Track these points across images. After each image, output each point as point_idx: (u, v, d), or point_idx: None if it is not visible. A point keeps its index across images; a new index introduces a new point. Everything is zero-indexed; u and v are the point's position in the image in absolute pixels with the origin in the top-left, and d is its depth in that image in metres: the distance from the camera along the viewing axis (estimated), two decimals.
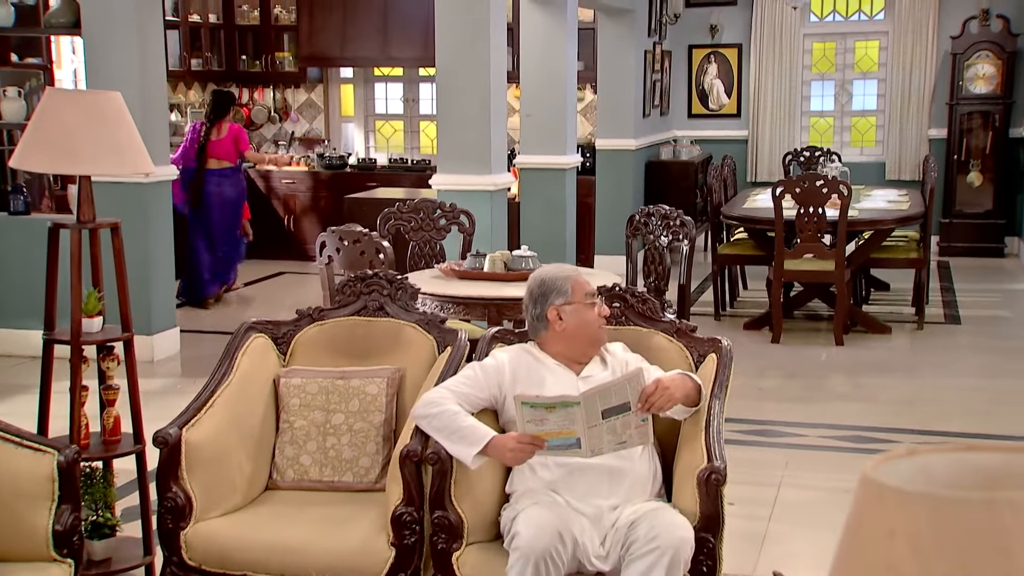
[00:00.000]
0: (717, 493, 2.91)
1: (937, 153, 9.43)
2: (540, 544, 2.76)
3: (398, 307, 3.64)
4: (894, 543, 0.79)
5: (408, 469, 3.07)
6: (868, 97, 10.66)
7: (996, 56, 9.85)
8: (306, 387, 3.49)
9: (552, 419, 2.83)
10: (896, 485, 0.79)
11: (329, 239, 4.70)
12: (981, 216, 10.03)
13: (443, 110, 6.35)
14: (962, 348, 6.94)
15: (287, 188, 10.46)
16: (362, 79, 11.15)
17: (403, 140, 11.08)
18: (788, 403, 5.70)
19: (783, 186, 6.71)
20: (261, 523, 3.22)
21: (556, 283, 3.16)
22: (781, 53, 10.52)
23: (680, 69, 10.96)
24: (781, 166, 9.47)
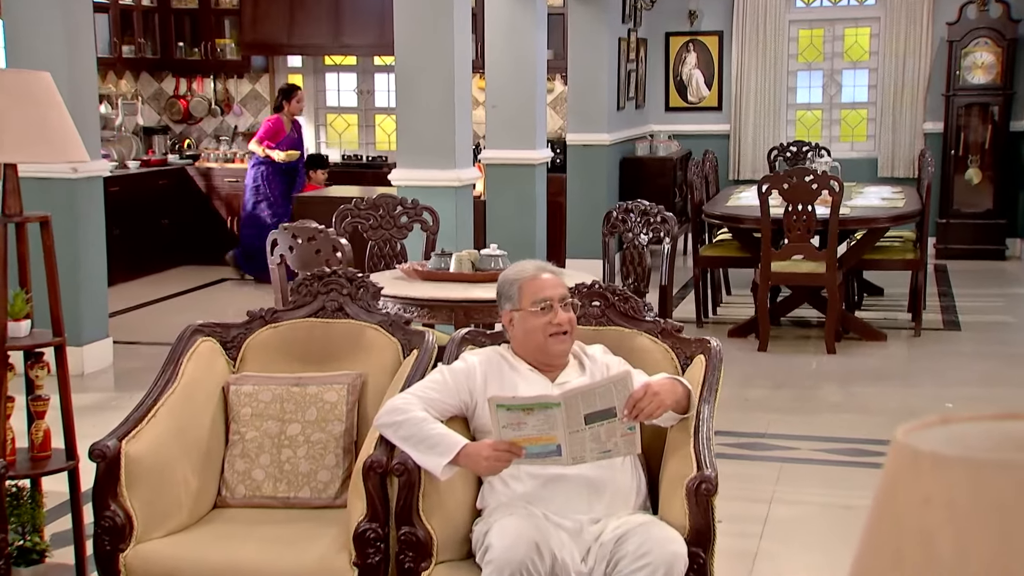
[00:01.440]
0: (708, 504, 2.93)
1: (933, 148, 9.55)
2: (516, 556, 2.75)
3: (359, 307, 3.63)
4: (930, 509, 0.80)
5: (372, 481, 3.06)
6: (859, 88, 10.78)
7: (995, 44, 10.01)
8: (258, 395, 3.47)
9: (531, 423, 2.83)
10: (932, 450, 0.80)
11: (281, 237, 4.69)
12: (981, 216, 10.18)
13: (403, 100, 6.35)
14: (962, 356, 7.03)
15: (230, 187, 10.42)
16: (312, 69, 11.13)
17: (357, 135, 11.06)
18: (777, 414, 5.74)
19: (770, 182, 6.77)
20: (209, 543, 3.20)
21: (505, 287, 3.20)
22: (765, 41, 10.62)
23: (656, 58, 11.03)
24: (766, 162, 9.55)
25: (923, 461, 0.82)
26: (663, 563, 2.78)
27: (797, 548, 4.21)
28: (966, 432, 0.86)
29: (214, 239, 10.35)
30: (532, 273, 3.21)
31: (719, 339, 3.49)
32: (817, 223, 6.77)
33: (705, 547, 2.93)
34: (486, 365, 3.17)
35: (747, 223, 7.19)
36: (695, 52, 10.95)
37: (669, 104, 11.08)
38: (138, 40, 10.61)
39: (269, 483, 3.41)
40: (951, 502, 0.79)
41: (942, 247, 10.06)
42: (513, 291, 3.16)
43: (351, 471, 3.40)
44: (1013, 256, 10.18)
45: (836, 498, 4.71)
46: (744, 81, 10.72)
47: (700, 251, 7.69)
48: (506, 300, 3.17)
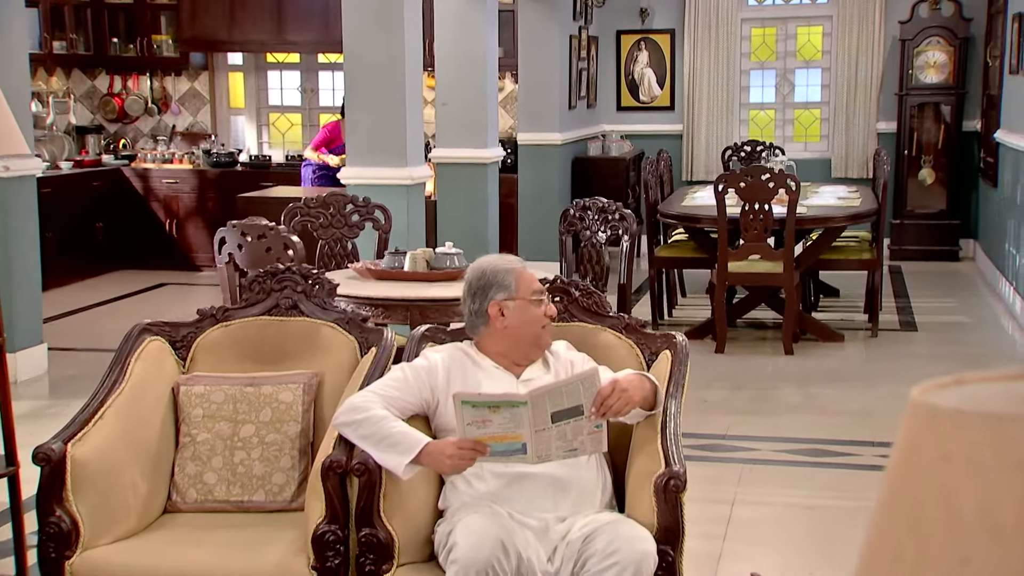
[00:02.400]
0: (677, 501, 2.95)
1: (886, 148, 9.68)
2: (481, 555, 2.75)
3: (314, 305, 3.61)
4: (951, 466, 0.81)
5: (331, 482, 3.04)
6: (812, 88, 10.92)
7: (948, 43, 10.19)
8: (210, 396, 3.44)
9: (496, 421, 2.83)
10: (952, 407, 0.81)
11: (229, 235, 4.65)
12: (934, 217, 10.34)
13: (351, 98, 6.32)
14: (920, 356, 7.14)
15: (168, 189, 10.31)
16: (253, 66, 11.05)
17: (301, 135, 10.99)
18: (737, 416, 5.79)
19: (726, 180, 6.83)
20: (160, 549, 3.17)
21: (498, 276, 3.16)
22: (717, 39, 10.73)
23: (608, 57, 11.10)
24: (720, 162, 9.64)
25: (943, 418, 0.83)
26: (632, 562, 2.79)
27: (762, 549, 4.25)
28: (982, 392, 0.88)
29: (152, 242, 10.24)
30: (521, 264, 3.23)
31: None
32: (774, 222, 6.84)
33: (674, 545, 2.94)
34: (448, 362, 3.16)
35: (703, 223, 7.25)
36: (647, 51, 11.03)
37: (621, 103, 11.14)
38: (70, 36, 10.46)
39: (222, 486, 3.38)
40: (973, 458, 0.80)
41: (896, 248, 10.21)
42: (509, 280, 3.14)
43: (307, 473, 3.38)
44: (966, 257, 10.36)
45: (799, 498, 4.76)
46: (696, 80, 10.81)
47: (655, 252, 7.73)
48: (499, 289, 3.14)
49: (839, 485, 4.90)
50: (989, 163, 9.57)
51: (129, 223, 10.25)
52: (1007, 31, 8.82)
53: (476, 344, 3.24)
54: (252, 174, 10.15)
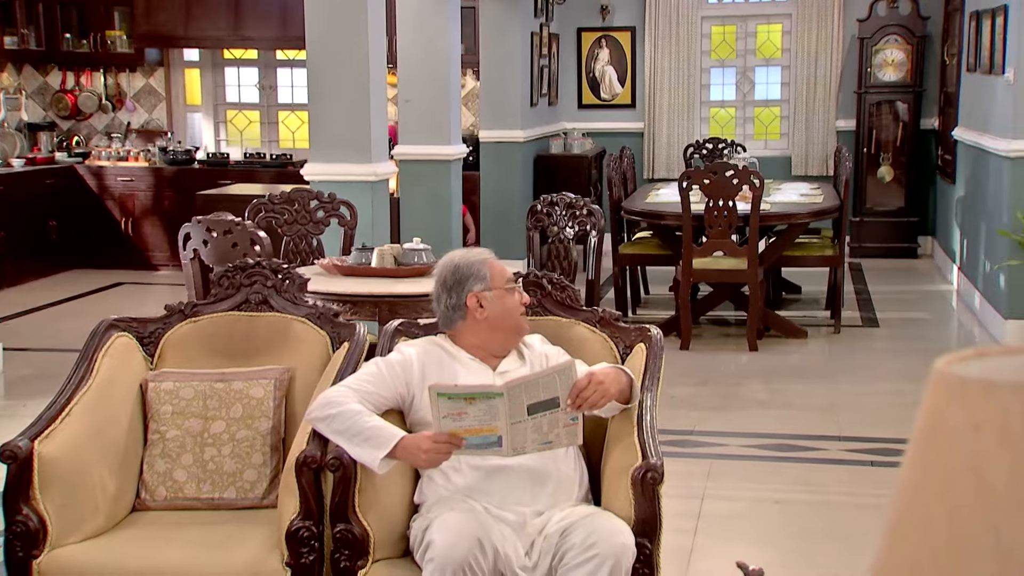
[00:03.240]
0: (654, 493, 2.96)
1: (846, 146, 9.77)
2: (458, 553, 2.74)
3: (284, 300, 3.59)
4: (980, 437, 0.81)
5: (306, 477, 3.03)
6: (772, 86, 11.00)
7: (905, 41, 10.31)
8: (179, 392, 3.41)
9: (472, 413, 2.83)
10: (981, 377, 0.82)
11: (195, 230, 4.60)
12: (893, 214, 10.45)
13: (315, 93, 6.28)
14: (882, 352, 7.22)
15: (124, 187, 10.20)
16: (210, 63, 10.96)
17: (259, 132, 10.92)
18: (704, 412, 5.83)
19: (691, 177, 6.87)
20: (129, 547, 3.14)
21: (473, 268, 3.17)
22: (678, 37, 10.78)
23: (569, 54, 11.11)
24: (682, 159, 9.69)
25: (971, 388, 0.84)
26: (611, 555, 2.80)
27: (732, 542, 4.27)
28: (1005, 364, 0.89)
29: (108, 241, 10.13)
30: (490, 254, 3.25)
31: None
32: (738, 219, 6.88)
33: (651, 537, 2.96)
34: (424, 356, 3.16)
35: (668, 219, 7.27)
36: (608, 48, 11.05)
37: (582, 101, 11.16)
38: (21, 31, 10.31)
39: (192, 484, 3.35)
40: (1003, 428, 0.81)
41: (856, 245, 10.30)
42: (484, 271, 3.16)
43: (279, 469, 3.36)
44: (925, 254, 10.48)
45: (767, 492, 4.80)
46: (657, 78, 10.86)
47: (620, 249, 7.76)
48: (476, 281, 3.15)
49: (807, 479, 4.94)
50: (947, 160, 9.69)
51: (84, 222, 10.13)
52: (965, 29, 8.93)
53: (451, 337, 3.23)
54: (210, 172, 10.06)
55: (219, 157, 10.39)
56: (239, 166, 10.19)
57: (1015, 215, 6.95)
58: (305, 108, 10.72)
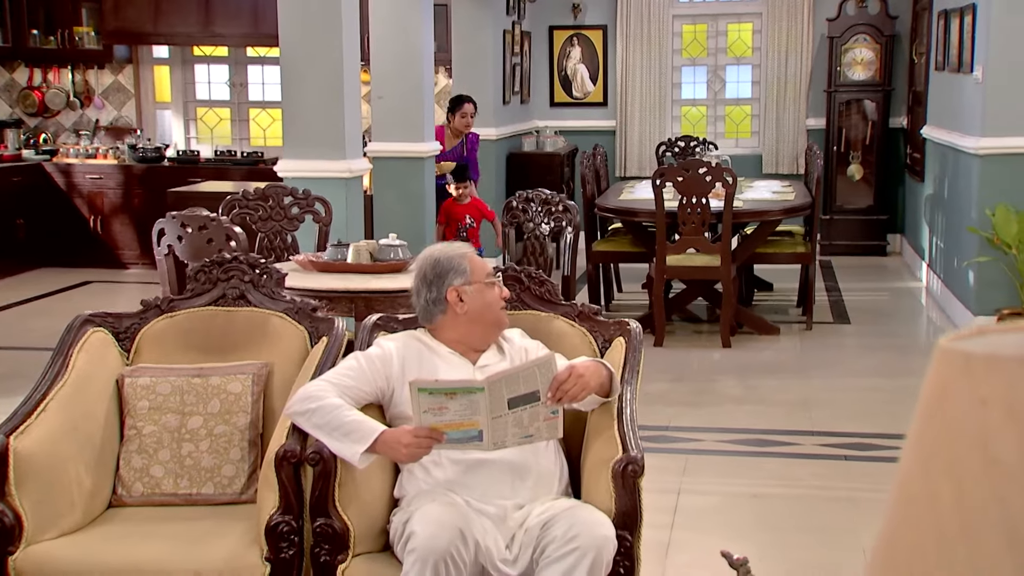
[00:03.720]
0: (635, 486, 2.96)
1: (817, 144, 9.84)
2: (440, 544, 2.73)
3: (262, 295, 3.58)
4: (987, 411, 0.82)
5: (285, 472, 3.02)
6: (742, 84, 11.05)
7: (874, 40, 10.39)
8: (156, 387, 3.38)
9: (453, 408, 2.82)
10: (986, 352, 0.83)
11: (169, 226, 4.57)
12: (862, 212, 10.53)
13: (288, 89, 6.26)
14: (853, 348, 7.27)
15: (92, 185, 10.11)
16: (179, 60, 10.89)
17: (230, 130, 10.86)
18: (679, 407, 5.84)
19: (664, 174, 6.89)
20: (106, 543, 3.11)
21: (453, 262, 3.17)
22: (650, 36, 10.81)
23: (540, 53, 11.13)
24: (655, 157, 9.72)
25: (976, 364, 0.84)
26: (592, 547, 2.80)
27: (709, 536, 4.29)
28: (1009, 340, 0.90)
29: (76, 239, 10.04)
30: (470, 249, 3.27)
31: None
32: (711, 216, 6.91)
33: (632, 530, 2.96)
34: (403, 350, 3.15)
35: (641, 216, 7.30)
36: (579, 46, 11.07)
37: (554, 99, 11.17)
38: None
39: (169, 479, 3.33)
40: (1010, 401, 0.82)
41: (826, 243, 10.36)
42: (464, 265, 3.16)
43: (257, 465, 3.35)
44: (894, 252, 10.56)
45: (743, 487, 4.82)
46: (629, 76, 10.89)
47: (593, 246, 7.77)
48: (456, 275, 3.15)
49: (782, 474, 4.97)
50: (916, 159, 9.77)
51: (52, 220, 10.04)
52: (933, 28, 9.01)
53: (431, 332, 3.23)
54: (180, 170, 9.99)
55: (189, 155, 10.33)
56: (210, 164, 10.12)
57: (984, 212, 7.02)
58: (276, 105, 10.72)
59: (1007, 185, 7.01)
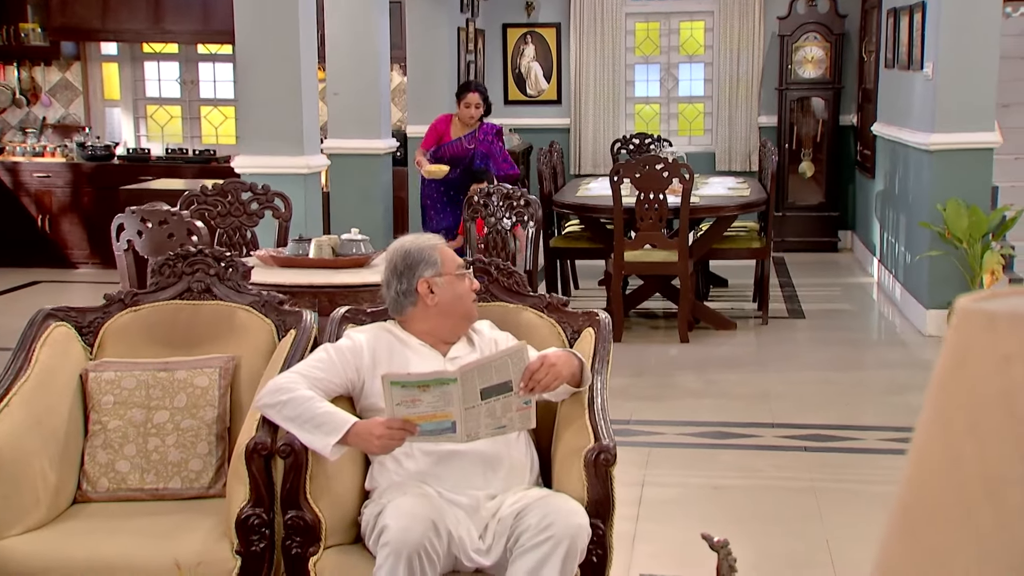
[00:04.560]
0: (607, 475, 2.98)
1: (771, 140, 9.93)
2: (413, 537, 2.73)
3: (228, 288, 3.55)
4: (1011, 368, 0.84)
5: (256, 464, 3.00)
6: (695, 82, 11.13)
7: (824, 38, 10.51)
8: (121, 382, 3.35)
9: (426, 400, 2.82)
10: (1009, 310, 0.84)
11: (129, 221, 4.52)
12: (814, 209, 10.65)
13: (244, 84, 6.22)
14: (809, 342, 7.35)
15: (40, 184, 9.96)
16: (129, 57, 10.76)
17: (181, 128, 10.75)
18: (640, 401, 5.87)
19: (622, 170, 6.92)
20: (73, 539, 3.08)
21: (423, 253, 3.17)
22: (603, 33, 10.85)
23: (494, 50, 11.13)
24: (610, 155, 9.76)
25: (1000, 321, 0.86)
26: (567, 536, 2.81)
27: (673, 528, 4.32)
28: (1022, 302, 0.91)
29: (23, 239, 9.89)
30: (440, 240, 3.25)
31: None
32: (668, 212, 6.95)
33: (605, 518, 2.98)
34: (373, 342, 3.14)
35: (599, 213, 7.32)
36: (533, 44, 11.09)
37: (508, 97, 11.18)
38: None
39: (135, 474, 3.29)
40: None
41: (778, 240, 10.45)
42: (435, 256, 3.16)
43: (224, 459, 3.33)
44: (845, 248, 10.69)
45: (705, 479, 4.86)
46: (583, 74, 10.92)
47: (550, 243, 7.79)
48: (427, 266, 3.15)
49: (743, 465, 5.01)
50: (866, 155, 9.90)
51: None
52: (883, 26, 9.14)
53: (401, 323, 3.22)
54: (130, 168, 9.87)
55: (140, 153, 10.21)
56: (161, 162, 10.02)
57: (935, 207, 7.13)
58: (229, 103, 10.65)
59: (958, 180, 7.12)
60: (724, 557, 2.52)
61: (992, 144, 7.12)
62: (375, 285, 4.60)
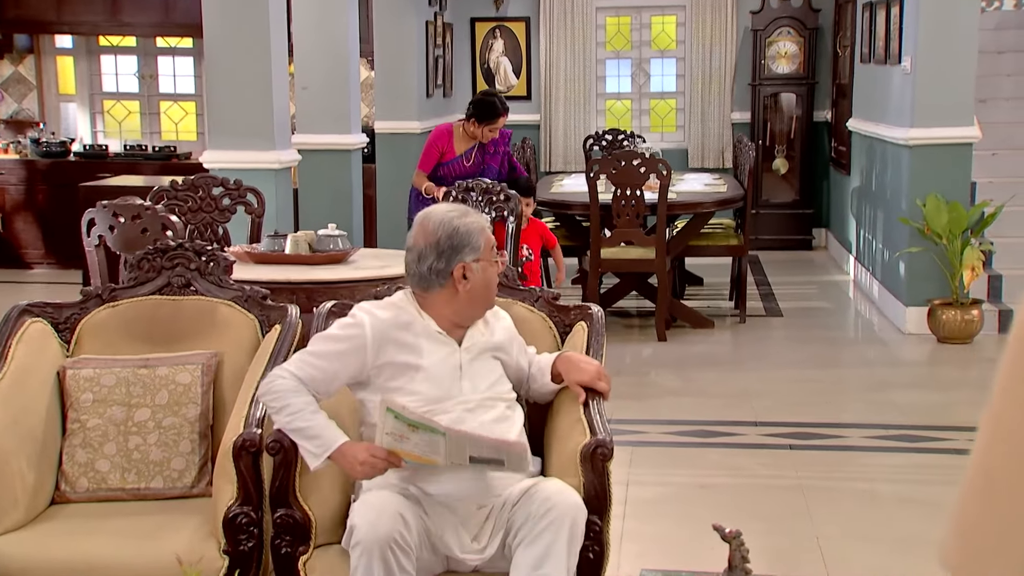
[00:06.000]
0: (603, 469, 2.99)
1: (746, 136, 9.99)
2: (381, 532, 2.70)
3: (209, 283, 3.54)
4: None
5: (244, 461, 3.00)
6: (667, 78, 11.19)
7: (798, 33, 10.61)
8: (100, 379, 3.33)
9: (414, 440, 2.81)
10: None
11: (100, 216, 4.49)
12: (788, 206, 10.74)
13: (213, 78, 6.19)
14: (787, 340, 7.42)
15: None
16: (85, 50, 10.68)
17: (140, 123, 10.67)
18: (621, 400, 5.88)
19: (599, 166, 6.96)
20: (53, 540, 3.07)
21: (472, 237, 3.02)
22: (573, 28, 10.89)
23: (463, 45, 11.13)
24: (581, 151, 9.79)
25: None
26: (568, 516, 2.80)
27: (661, 526, 4.35)
28: None
29: None
30: (486, 219, 3.16)
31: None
32: (645, 208, 6.99)
33: (601, 513, 2.99)
34: (382, 333, 2.98)
35: (574, 209, 7.35)
36: (502, 39, 11.11)
37: (477, 93, 11.17)
38: None
39: (116, 474, 3.28)
40: None
41: (752, 238, 10.49)
42: (480, 241, 3.02)
43: (208, 457, 3.31)
44: (819, 246, 10.79)
45: (690, 477, 4.90)
46: (553, 69, 10.95)
47: None
48: (471, 251, 3.01)
49: (729, 464, 5.06)
50: (841, 152, 10.00)
51: None
52: (858, 20, 9.23)
53: (419, 299, 3.08)
54: (87, 164, 9.80)
55: (97, 149, 10.14)
56: (119, 158, 9.95)
57: (914, 203, 7.21)
58: (189, 98, 10.59)
59: (936, 175, 7.21)
60: (736, 548, 2.55)
61: (971, 139, 7.22)
62: (354, 281, 4.61)
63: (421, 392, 2.95)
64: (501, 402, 3.07)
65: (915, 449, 5.25)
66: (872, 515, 4.46)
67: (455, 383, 3.01)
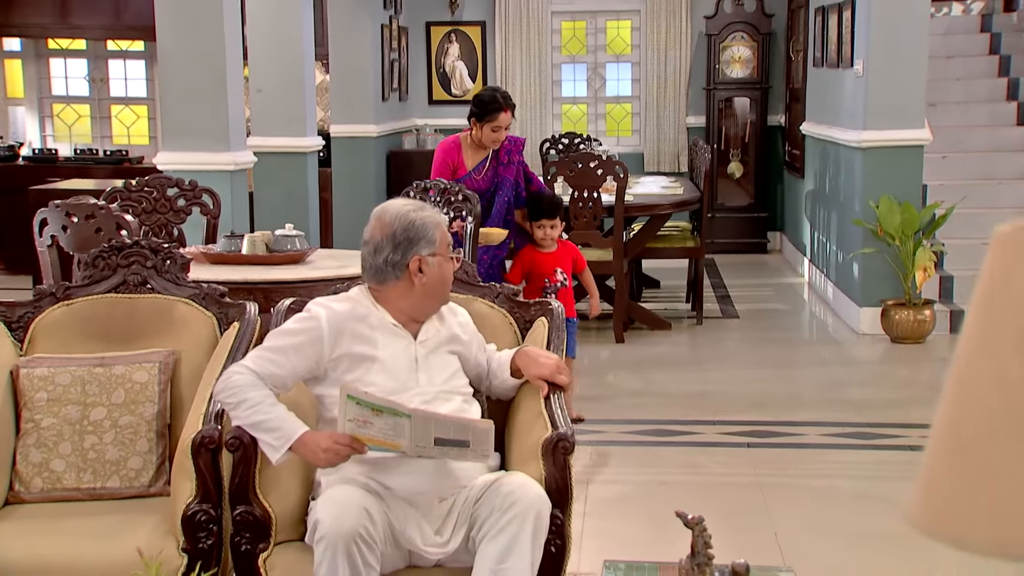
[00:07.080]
0: (565, 463, 3.00)
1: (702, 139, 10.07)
2: (345, 526, 2.69)
3: (166, 281, 3.51)
4: None
5: (203, 459, 2.98)
6: (622, 82, 11.25)
7: (751, 38, 10.71)
8: (55, 378, 3.29)
9: (377, 424, 2.79)
10: None
11: (52, 216, 4.45)
12: (743, 210, 10.83)
13: (167, 80, 6.15)
14: (744, 341, 7.47)
15: None
16: (33, 53, 10.57)
17: (91, 127, 10.57)
18: (581, 402, 5.91)
19: (556, 168, 6.98)
20: (8, 541, 3.04)
21: (427, 230, 3.04)
22: (528, 32, 10.93)
23: (418, 49, 11.13)
24: (539, 155, 9.82)
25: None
26: (532, 509, 2.80)
27: (621, 524, 4.37)
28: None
29: None
30: (441, 215, 3.16)
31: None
32: (603, 210, 7.02)
33: (563, 507, 2.99)
34: (338, 325, 3.00)
35: None
36: (457, 43, 11.12)
37: (433, 97, 11.19)
38: None
39: (71, 473, 3.24)
40: None
41: (708, 241, 10.58)
42: (436, 235, 3.05)
43: (166, 456, 3.29)
44: (774, 249, 10.89)
45: (650, 475, 4.92)
46: (509, 74, 10.98)
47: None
48: (425, 244, 3.03)
49: (687, 462, 5.08)
50: (795, 155, 10.10)
51: None
52: (811, 25, 9.33)
53: (374, 293, 3.10)
54: (36, 169, 9.68)
55: (46, 153, 10.03)
56: (70, 162, 9.85)
57: (867, 204, 7.30)
58: (141, 102, 10.51)
59: (889, 177, 7.30)
60: (699, 534, 2.57)
61: (923, 141, 7.32)
62: (312, 281, 4.59)
63: (378, 383, 2.95)
64: (458, 395, 3.09)
65: (870, 446, 5.31)
66: (829, 510, 4.50)
67: (411, 375, 3.02)
